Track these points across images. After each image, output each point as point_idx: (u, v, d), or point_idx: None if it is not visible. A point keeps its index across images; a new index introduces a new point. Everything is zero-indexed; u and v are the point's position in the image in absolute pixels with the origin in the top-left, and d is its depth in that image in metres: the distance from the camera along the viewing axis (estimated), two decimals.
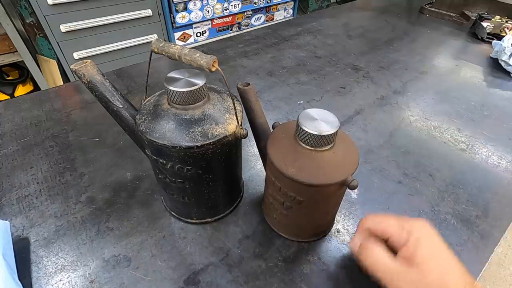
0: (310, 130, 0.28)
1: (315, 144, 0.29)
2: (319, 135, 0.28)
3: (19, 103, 0.61)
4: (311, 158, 0.29)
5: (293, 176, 0.28)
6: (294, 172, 0.29)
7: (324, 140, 0.28)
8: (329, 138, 0.28)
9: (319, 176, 0.28)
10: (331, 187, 0.29)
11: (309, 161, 0.29)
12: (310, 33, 0.95)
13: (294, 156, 0.29)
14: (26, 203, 0.42)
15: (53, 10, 1.35)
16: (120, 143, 0.52)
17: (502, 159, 0.51)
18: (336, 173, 0.29)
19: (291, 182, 0.29)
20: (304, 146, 0.29)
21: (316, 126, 0.28)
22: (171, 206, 0.40)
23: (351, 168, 0.29)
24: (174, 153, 0.30)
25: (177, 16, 1.73)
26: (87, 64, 0.31)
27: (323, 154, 0.29)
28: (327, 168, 0.29)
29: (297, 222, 0.35)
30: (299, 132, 0.29)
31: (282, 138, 0.32)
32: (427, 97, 0.66)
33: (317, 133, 0.28)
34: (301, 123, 0.28)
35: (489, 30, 0.92)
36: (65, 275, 0.34)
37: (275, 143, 0.32)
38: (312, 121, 0.29)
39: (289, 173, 0.29)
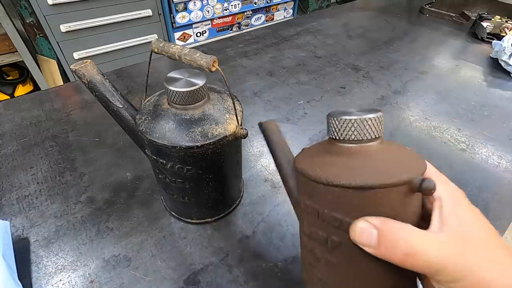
0: (350, 117, 0.21)
1: (359, 135, 0.21)
2: (363, 119, 0.20)
3: (19, 103, 0.61)
4: (356, 155, 0.21)
5: (332, 179, 0.19)
6: (333, 173, 0.20)
7: (371, 128, 0.21)
8: (375, 125, 0.21)
9: (369, 175, 0.19)
10: (392, 192, 0.19)
11: (352, 159, 0.20)
12: (310, 33, 0.95)
13: (332, 158, 0.21)
14: (26, 203, 0.42)
15: (53, 10, 1.35)
16: (120, 143, 0.52)
17: (502, 159, 0.51)
18: (396, 170, 0.19)
19: (331, 191, 0.20)
20: (343, 145, 0.21)
21: (355, 113, 0.21)
22: (171, 206, 0.40)
23: (418, 166, 0.20)
24: (174, 153, 0.30)
25: (177, 16, 1.73)
26: (87, 64, 0.31)
27: (372, 149, 0.21)
28: (381, 166, 0.20)
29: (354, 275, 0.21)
30: (335, 127, 0.21)
31: (314, 150, 0.24)
32: (427, 97, 0.66)
33: (358, 117, 0.20)
34: (335, 115, 0.22)
35: (489, 30, 0.92)
36: (65, 275, 0.34)
37: (306, 156, 0.23)
38: (348, 113, 0.21)
39: (326, 176, 0.20)
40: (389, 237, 0.18)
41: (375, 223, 0.18)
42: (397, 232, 0.18)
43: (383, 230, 0.18)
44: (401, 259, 0.18)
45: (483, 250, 0.18)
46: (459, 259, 0.17)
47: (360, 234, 0.19)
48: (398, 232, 0.18)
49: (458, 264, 0.17)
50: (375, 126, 0.21)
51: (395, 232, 0.18)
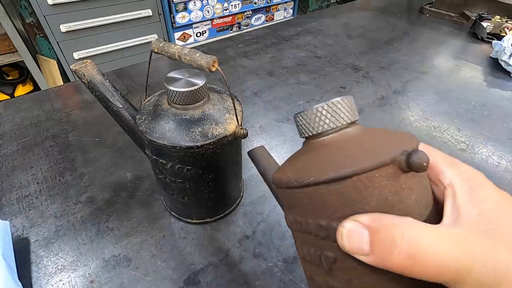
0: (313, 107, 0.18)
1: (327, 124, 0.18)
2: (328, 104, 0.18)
3: (19, 103, 0.61)
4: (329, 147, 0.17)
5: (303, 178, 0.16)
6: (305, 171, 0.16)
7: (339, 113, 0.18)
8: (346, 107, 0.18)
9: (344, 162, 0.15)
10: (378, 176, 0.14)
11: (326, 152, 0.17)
12: (310, 33, 0.95)
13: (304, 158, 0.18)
14: (26, 203, 0.42)
15: (53, 10, 1.35)
16: (120, 143, 0.52)
17: (502, 159, 0.51)
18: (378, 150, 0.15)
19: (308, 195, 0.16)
20: (316, 141, 0.18)
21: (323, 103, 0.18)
22: (171, 206, 0.40)
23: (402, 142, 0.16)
24: (174, 153, 0.30)
25: (177, 16, 1.73)
26: (87, 64, 0.31)
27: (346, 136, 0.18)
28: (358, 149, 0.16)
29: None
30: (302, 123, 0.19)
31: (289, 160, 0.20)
32: (427, 97, 0.66)
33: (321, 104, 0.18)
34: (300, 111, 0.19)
35: (489, 30, 0.92)
36: (65, 275, 0.34)
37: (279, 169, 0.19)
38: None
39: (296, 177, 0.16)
40: (384, 236, 0.13)
41: (364, 221, 0.14)
42: (394, 227, 0.13)
43: (375, 227, 0.13)
44: (404, 265, 0.13)
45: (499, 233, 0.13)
46: (488, 257, 0.12)
47: (348, 238, 0.14)
48: (395, 227, 0.13)
49: (487, 264, 0.12)
50: (344, 110, 0.18)
51: (390, 228, 0.13)
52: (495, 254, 0.13)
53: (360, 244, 0.14)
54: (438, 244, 0.13)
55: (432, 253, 0.12)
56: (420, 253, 0.12)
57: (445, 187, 0.16)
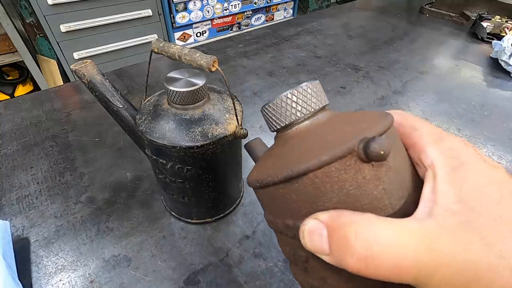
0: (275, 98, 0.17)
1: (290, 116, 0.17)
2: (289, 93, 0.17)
3: (19, 103, 0.61)
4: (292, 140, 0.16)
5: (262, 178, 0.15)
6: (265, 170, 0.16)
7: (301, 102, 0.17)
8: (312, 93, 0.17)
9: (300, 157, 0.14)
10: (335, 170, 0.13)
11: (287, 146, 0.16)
12: (310, 33, 0.95)
13: (269, 154, 0.18)
14: (26, 203, 0.42)
15: (53, 10, 1.35)
16: (120, 143, 0.52)
17: (502, 159, 0.51)
18: (337, 140, 0.14)
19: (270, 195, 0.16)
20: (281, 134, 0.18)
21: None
22: (171, 206, 0.40)
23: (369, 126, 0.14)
24: (174, 153, 0.30)
25: (177, 16, 1.73)
26: (87, 64, 0.31)
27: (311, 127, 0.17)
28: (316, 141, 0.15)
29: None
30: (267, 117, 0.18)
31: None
32: (427, 97, 0.66)
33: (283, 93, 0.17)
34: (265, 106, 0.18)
35: (489, 30, 0.92)
36: (65, 275, 0.34)
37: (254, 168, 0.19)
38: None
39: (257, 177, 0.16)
40: (339, 235, 0.12)
41: (323, 218, 0.13)
42: (349, 226, 0.12)
43: (331, 226, 0.13)
44: (357, 267, 0.12)
45: (502, 236, 0.11)
46: (457, 257, 0.11)
47: (310, 237, 0.13)
48: (350, 226, 0.12)
49: (454, 265, 0.11)
50: (310, 96, 0.16)
51: (345, 226, 0.12)
52: (466, 254, 0.11)
53: (320, 243, 0.13)
54: (397, 243, 0.11)
55: (388, 254, 0.11)
56: (373, 254, 0.11)
57: (426, 168, 0.14)
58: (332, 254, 0.13)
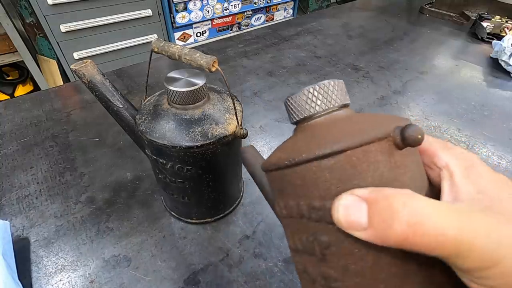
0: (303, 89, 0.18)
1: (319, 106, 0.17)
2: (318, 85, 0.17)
3: (19, 103, 0.61)
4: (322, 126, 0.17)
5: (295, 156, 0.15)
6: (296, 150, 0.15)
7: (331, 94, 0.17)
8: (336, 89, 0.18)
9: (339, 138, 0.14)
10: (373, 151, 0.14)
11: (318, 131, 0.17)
12: (310, 33, 0.95)
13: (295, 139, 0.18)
14: (26, 203, 0.42)
15: (53, 10, 1.35)
16: (120, 143, 0.52)
17: (502, 159, 0.51)
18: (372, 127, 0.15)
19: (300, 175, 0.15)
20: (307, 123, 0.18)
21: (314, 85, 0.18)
22: (171, 206, 0.40)
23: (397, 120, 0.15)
24: (174, 153, 0.30)
25: (177, 16, 1.73)
26: (87, 64, 0.31)
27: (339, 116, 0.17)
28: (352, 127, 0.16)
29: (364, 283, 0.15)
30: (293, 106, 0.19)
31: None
32: (427, 97, 0.66)
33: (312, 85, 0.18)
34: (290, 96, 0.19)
35: (489, 30, 0.92)
36: (65, 275, 0.34)
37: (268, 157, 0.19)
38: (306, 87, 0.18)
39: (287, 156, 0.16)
40: (384, 206, 0.12)
41: (362, 193, 0.13)
42: (395, 197, 0.12)
43: (374, 198, 0.13)
44: (404, 234, 0.12)
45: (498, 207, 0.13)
46: (491, 233, 0.12)
47: (345, 212, 0.13)
48: (396, 197, 0.12)
49: (490, 240, 0.11)
50: (336, 92, 0.17)
51: (391, 197, 0.12)
52: (499, 232, 0.12)
53: (357, 217, 0.13)
54: (440, 214, 0.12)
55: (434, 222, 0.12)
56: (422, 221, 0.12)
57: (440, 169, 0.16)
58: (372, 227, 0.12)
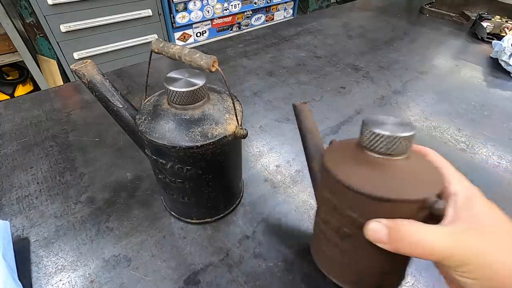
0: (381, 131, 0.22)
1: (386, 149, 0.23)
2: (393, 137, 0.22)
3: (19, 103, 0.61)
4: (380, 167, 0.23)
5: (356, 186, 0.22)
6: (357, 181, 0.22)
7: (398, 145, 0.22)
8: (404, 143, 0.22)
9: (389, 189, 0.21)
10: (405, 207, 0.21)
11: (377, 170, 0.23)
12: (310, 33, 0.95)
13: (358, 164, 0.24)
14: (26, 203, 0.42)
15: (53, 10, 1.35)
16: (120, 143, 0.52)
17: (502, 159, 0.51)
18: (414, 188, 0.21)
19: (352, 196, 0.22)
20: (371, 154, 0.23)
21: (388, 128, 0.23)
22: (171, 206, 0.40)
23: (435, 185, 0.22)
24: (174, 153, 0.30)
25: (177, 16, 1.73)
26: (87, 64, 0.31)
27: (396, 164, 0.23)
28: (402, 182, 0.22)
29: (357, 260, 0.25)
30: (366, 136, 0.23)
31: (342, 148, 0.26)
32: (427, 97, 0.66)
33: (390, 134, 0.22)
34: (368, 125, 0.23)
35: (489, 30, 0.92)
36: (65, 275, 0.34)
37: (334, 152, 0.26)
38: (381, 124, 0.23)
39: (350, 182, 0.22)
40: (398, 232, 0.21)
41: (385, 223, 0.21)
42: (404, 227, 0.21)
43: (393, 227, 0.21)
44: (408, 249, 0.20)
45: (493, 237, 0.20)
46: (467, 246, 0.19)
47: (374, 233, 0.22)
48: (405, 227, 0.21)
49: (466, 251, 0.19)
50: (404, 145, 0.22)
51: (402, 227, 0.21)
52: (472, 245, 0.19)
53: (381, 237, 0.21)
54: (432, 237, 0.20)
55: (426, 243, 0.20)
56: (418, 242, 0.20)
57: (450, 194, 0.22)
58: (390, 243, 0.21)
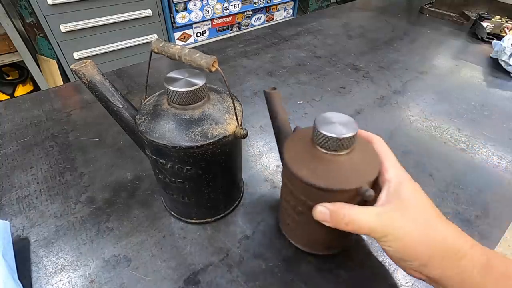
0: (327, 133, 0.27)
1: (331, 147, 0.27)
2: (337, 138, 0.26)
3: (19, 103, 0.61)
4: (326, 162, 0.28)
5: (303, 178, 0.27)
6: (305, 174, 0.27)
7: (341, 144, 0.27)
8: (347, 142, 0.27)
9: (331, 180, 0.27)
10: (343, 194, 0.27)
11: (323, 164, 0.28)
12: (310, 33, 0.95)
13: (309, 159, 0.28)
14: (26, 203, 0.42)
15: (53, 10, 1.35)
16: (120, 143, 0.52)
17: (502, 159, 0.51)
18: (351, 179, 0.27)
19: (301, 185, 0.28)
20: (320, 150, 0.28)
21: (334, 129, 0.27)
22: (171, 206, 0.40)
23: (368, 176, 0.27)
24: (173, 153, 0.30)
25: (177, 16, 1.73)
26: (87, 64, 0.31)
27: (340, 159, 0.28)
28: (342, 174, 0.27)
29: (308, 230, 0.33)
30: (316, 135, 0.28)
31: (299, 140, 0.31)
32: (427, 97, 0.66)
33: (334, 136, 0.26)
34: (318, 126, 0.27)
35: (489, 30, 0.92)
36: (65, 275, 0.34)
37: (292, 146, 0.31)
38: (330, 124, 0.27)
39: (300, 175, 0.27)
40: (336, 214, 0.27)
41: (328, 206, 0.28)
42: (342, 210, 0.27)
43: (334, 211, 0.27)
44: (344, 227, 0.27)
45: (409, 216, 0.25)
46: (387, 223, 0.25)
47: (320, 214, 0.28)
48: (342, 210, 0.27)
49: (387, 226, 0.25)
50: (347, 143, 0.27)
51: (340, 210, 0.27)
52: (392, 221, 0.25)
53: (325, 217, 0.28)
54: (361, 217, 0.26)
55: (356, 221, 0.26)
56: (351, 221, 0.26)
57: (385, 180, 0.28)
58: (331, 222, 0.27)
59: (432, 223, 0.25)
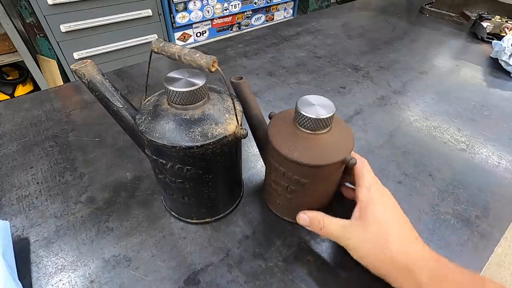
0: (308, 115, 0.30)
1: (313, 127, 0.31)
2: (317, 119, 0.30)
3: (19, 103, 0.61)
4: (311, 141, 0.31)
5: (298, 159, 0.30)
6: (298, 156, 0.30)
7: (322, 124, 0.30)
8: (327, 121, 0.31)
9: (321, 157, 0.31)
10: (333, 166, 0.31)
11: (309, 144, 0.31)
12: (310, 33, 0.95)
13: (296, 141, 0.32)
14: (26, 203, 0.42)
15: (53, 10, 1.35)
16: (120, 143, 0.52)
17: (502, 159, 0.51)
18: (336, 153, 0.31)
19: (295, 166, 0.31)
20: (304, 131, 0.32)
21: (314, 110, 0.30)
22: (171, 206, 0.40)
23: (348, 148, 0.32)
24: (174, 153, 0.30)
25: (177, 16, 1.73)
26: (87, 64, 0.31)
27: (322, 137, 0.31)
28: (327, 149, 0.31)
29: (301, 203, 0.36)
30: (298, 117, 0.31)
31: (281, 125, 0.34)
32: (427, 97, 0.66)
33: (315, 117, 0.30)
34: (300, 108, 0.31)
35: (489, 30, 0.92)
36: (65, 275, 0.34)
37: (276, 130, 0.33)
38: (310, 106, 0.31)
39: (293, 157, 0.30)
40: (314, 221, 0.33)
41: (309, 214, 0.34)
42: (317, 218, 0.33)
43: (312, 218, 0.34)
44: (319, 231, 0.33)
45: (365, 231, 0.30)
46: (349, 236, 0.31)
47: (302, 220, 0.35)
48: (318, 218, 0.33)
49: (347, 238, 0.31)
50: (326, 122, 0.31)
51: (316, 218, 0.33)
52: (351, 233, 0.31)
53: (306, 222, 0.34)
54: (331, 227, 0.32)
55: (327, 230, 0.32)
56: (323, 229, 0.33)
57: (358, 199, 0.33)
58: (311, 226, 0.34)
59: (391, 244, 0.29)
